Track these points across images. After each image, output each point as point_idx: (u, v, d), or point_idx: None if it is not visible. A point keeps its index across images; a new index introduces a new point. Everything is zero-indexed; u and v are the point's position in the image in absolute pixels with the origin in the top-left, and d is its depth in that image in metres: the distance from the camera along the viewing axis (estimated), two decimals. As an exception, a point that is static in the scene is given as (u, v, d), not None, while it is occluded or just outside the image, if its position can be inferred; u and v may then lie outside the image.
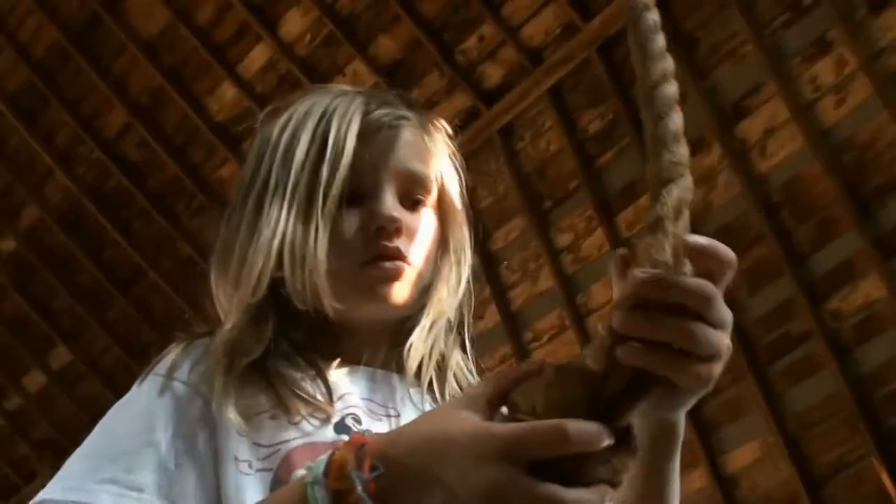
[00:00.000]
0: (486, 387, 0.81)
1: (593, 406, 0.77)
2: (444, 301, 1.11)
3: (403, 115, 1.12)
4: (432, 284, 1.11)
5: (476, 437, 0.77)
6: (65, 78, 5.42)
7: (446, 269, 1.12)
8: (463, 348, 1.15)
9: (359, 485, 0.78)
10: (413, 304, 1.09)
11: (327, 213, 1.04)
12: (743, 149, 4.30)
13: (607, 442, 0.76)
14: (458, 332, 1.15)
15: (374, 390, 1.07)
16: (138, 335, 5.77)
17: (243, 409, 0.99)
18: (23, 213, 5.82)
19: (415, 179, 1.10)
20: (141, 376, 1.05)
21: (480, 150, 4.81)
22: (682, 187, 0.77)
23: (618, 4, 4.36)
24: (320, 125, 1.08)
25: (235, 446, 0.98)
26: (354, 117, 1.08)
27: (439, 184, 1.13)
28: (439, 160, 1.14)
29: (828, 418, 4.23)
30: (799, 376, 4.27)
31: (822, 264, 4.20)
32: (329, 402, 1.02)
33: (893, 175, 4.07)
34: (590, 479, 0.76)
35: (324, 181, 1.05)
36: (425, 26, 4.72)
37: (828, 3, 4.08)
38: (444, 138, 1.16)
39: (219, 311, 1.09)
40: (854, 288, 4.16)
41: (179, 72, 5.22)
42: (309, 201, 1.05)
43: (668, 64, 0.84)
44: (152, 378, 1.03)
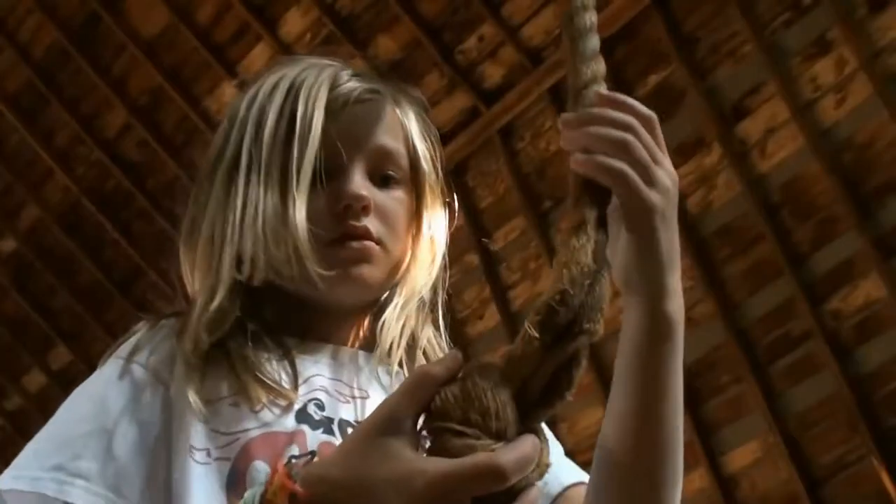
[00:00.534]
0: (406, 404, 0.78)
1: (516, 408, 0.77)
2: (417, 279, 1.09)
3: (373, 87, 1.09)
4: (405, 262, 1.09)
5: (407, 480, 0.74)
6: (65, 78, 5.41)
7: (419, 247, 1.10)
8: (436, 326, 1.13)
9: None
10: (385, 284, 1.07)
11: (302, 188, 1.02)
12: (743, 149, 4.30)
13: (537, 459, 0.75)
14: (431, 310, 1.13)
15: (341, 370, 1.05)
16: (138, 335, 5.76)
17: (204, 395, 0.96)
18: (23, 213, 5.82)
19: (385, 155, 1.07)
20: (103, 358, 1.02)
21: (480, 150, 4.81)
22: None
23: (618, 5, 4.36)
24: (288, 99, 1.05)
25: (192, 434, 0.95)
26: (322, 91, 1.06)
27: (413, 159, 1.10)
28: (413, 135, 1.11)
29: (828, 418, 4.23)
30: (799, 376, 4.27)
31: (822, 264, 4.20)
32: (293, 388, 0.99)
33: (893, 175, 4.07)
34: (523, 484, 0.75)
35: (295, 158, 1.03)
36: (425, 26, 4.72)
37: (828, 3, 4.08)
38: (420, 112, 1.13)
39: (188, 291, 1.06)
40: (854, 288, 4.16)
41: (179, 72, 5.22)
42: (284, 178, 1.02)
43: (600, 67, 0.89)
44: (113, 361, 1.01)
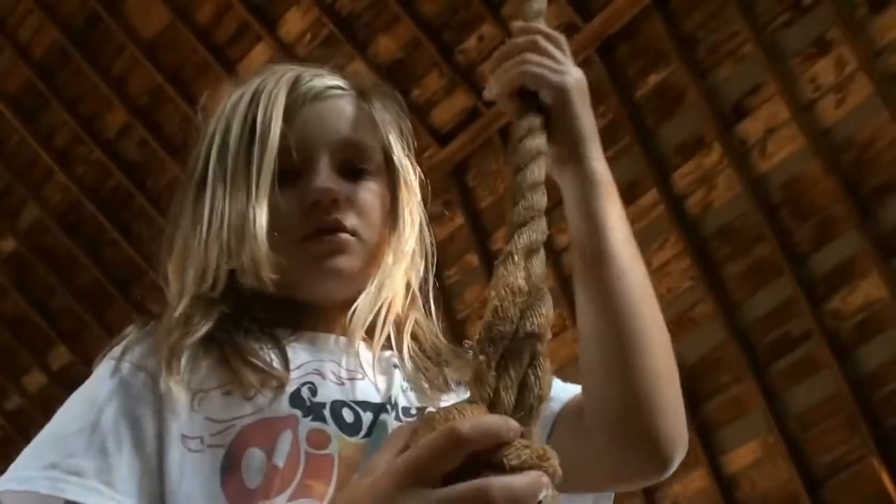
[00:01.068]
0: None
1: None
2: (392, 266, 1.11)
3: (335, 84, 1.13)
4: (385, 250, 1.11)
5: (380, 479, 0.76)
6: (65, 78, 5.41)
7: (394, 235, 1.12)
8: (428, 311, 1.15)
9: None
10: (366, 272, 1.09)
11: (262, 192, 1.05)
12: (743, 149, 4.30)
13: (511, 426, 0.75)
14: (423, 294, 1.15)
15: (332, 355, 1.07)
16: (138, 335, 5.76)
17: (195, 385, 0.99)
18: (23, 213, 5.82)
19: (352, 147, 1.10)
20: (96, 360, 1.05)
21: (480, 150, 4.81)
22: (536, 230, 0.89)
23: (618, 5, 4.36)
24: (250, 109, 1.09)
25: (184, 424, 0.97)
26: (280, 94, 1.09)
27: (384, 150, 1.13)
28: (383, 126, 1.13)
29: (828, 418, 4.23)
30: (799, 376, 4.27)
31: (822, 264, 4.20)
32: (285, 370, 1.01)
33: (893, 175, 4.07)
34: (518, 465, 0.75)
35: (255, 162, 1.05)
36: (425, 26, 4.72)
37: (828, 3, 4.08)
38: (391, 105, 1.16)
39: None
40: (854, 288, 4.16)
41: (179, 72, 5.22)
42: (246, 184, 1.05)
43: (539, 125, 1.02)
44: (105, 362, 1.03)
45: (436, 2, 4.70)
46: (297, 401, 1.00)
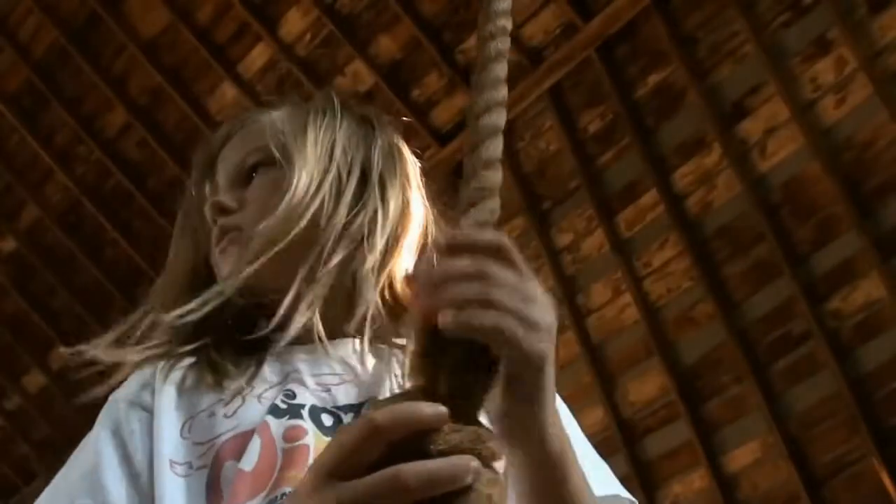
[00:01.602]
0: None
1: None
2: (315, 253, 1.09)
3: (236, 120, 1.23)
4: (294, 230, 1.10)
5: (305, 475, 0.76)
6: (65, 78, 5.41)
7: (311, 222, 1.11)
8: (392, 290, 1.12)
9: None
10: (265, 260, 1.08)
11: (209, 221, 1.17)
12: (743, 149, 4.30)
13: (436, 412, 0.73)
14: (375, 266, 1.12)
15: (315, 362, 1.07)
16: (138, 335, 5.76)
17: (185, 410, 1.04)
18: (23, 213, 5.82)
19: (241, 157, 1.18)
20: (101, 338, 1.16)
21: (480, 150, 4.81)
22: (485, 210, 0.84)
23: (618, 5, 4.36)
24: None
25: (172, 450, 1.01)
26: (205, 154, 1.23)
27: (278, 139, 1.16)
28: (278, 121, 1.19)
29: (828, 418, 4.23)
30: (799, 376, 4.27)
31: (822, 264, 4.20)
32: (250, 378, 1.05)
33: (893, 175, 4.07)
34: (446, 450, 0.72)
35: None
36: (425, 26, 4.72)
37: (828, 3, 4.08)
38: (286, 110, 1.22)
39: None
40: (854, 288, 4.16)
41: (179, 72, 5.22)
42: (201, 217, 1.19)
43: (498, 94, 0.89)
44: (107, 404, 1.09)
45: (436, 2, 4.70)
46: (272, 408, 1.02)
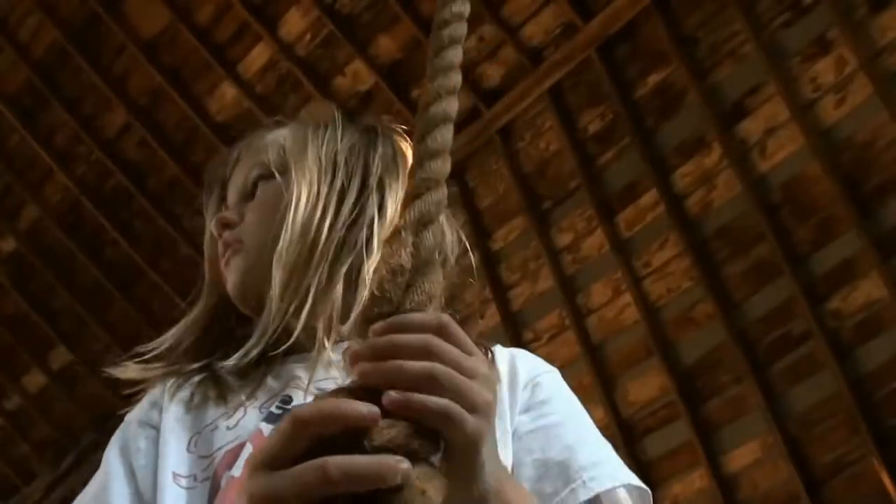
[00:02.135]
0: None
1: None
2: (284, 252, 1.11)
3: (241, 146, 1.25)
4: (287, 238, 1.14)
5: (244, 468, 0.81)
6: (65, 78, 5.41)
7: (285, 223, 1.13)
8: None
9: None
10: (261, 268, 1.12)
11: (215, 236, 1.22)
12: (743, 149, 4.30)
13: (366, 409, 0.73)
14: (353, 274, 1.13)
15: (314, 368, 1.09)
16: (138, 335, 5.75)
17: (192, 425, 1.08)
18: (23, 213, 5.82)
19: (244, 176, 1.21)
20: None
21: (480, 150, 4.81)
22: (429, 201, 0.85)
23: (618, 5, 4.36)
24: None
25: (177, 464, 1.05)
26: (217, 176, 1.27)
27: (279, 153, 1.18)
28: (280, 139, 1.20)
29: (828, 418, 4.22)
30: (799, 376, 4.27)
31: (822, 264, 4.20)
32: (251, 392, 1.09)
33: (893, 175, 4.07)
34: (379, 445, 0.73)
35: None
36: (425, 26, 4.72)
37: (828, 3, 4.08)
38: (291, 127, 1.23)
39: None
40: (854, 288, 4.15)
41: (179, 72, 5.22)
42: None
43: (450, 82, 0.89)
44: (121, 425, 1.13)
45: (436, 2, 4.69)
46: (268, 416, 1.07)
